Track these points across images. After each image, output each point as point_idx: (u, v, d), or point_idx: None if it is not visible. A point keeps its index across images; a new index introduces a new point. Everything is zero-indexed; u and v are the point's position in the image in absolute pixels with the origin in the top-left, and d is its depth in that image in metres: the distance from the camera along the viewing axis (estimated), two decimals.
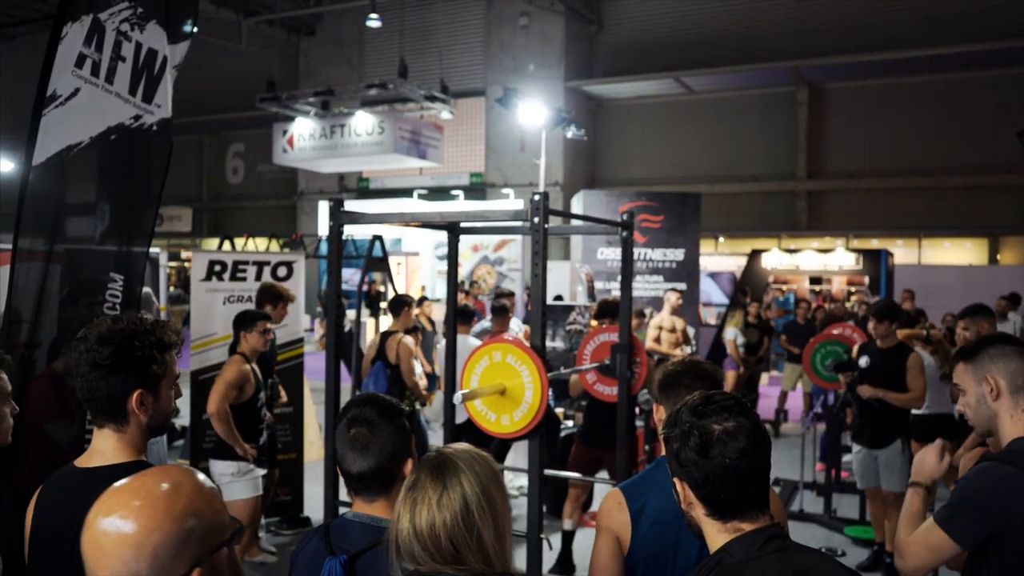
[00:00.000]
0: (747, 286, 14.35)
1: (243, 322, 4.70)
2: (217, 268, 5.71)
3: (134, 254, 2.98)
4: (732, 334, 9.23)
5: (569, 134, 7.68)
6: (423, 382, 6.04)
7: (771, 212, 18.90)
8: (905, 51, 15.98)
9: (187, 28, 3.22)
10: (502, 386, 3.12)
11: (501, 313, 6.57)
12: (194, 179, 25.75)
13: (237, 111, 21.60)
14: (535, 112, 7.21)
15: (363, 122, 15.33)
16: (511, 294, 7.85)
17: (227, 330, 5.61)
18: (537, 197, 3.07)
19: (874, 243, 17.41)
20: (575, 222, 5.35)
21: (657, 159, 19.21)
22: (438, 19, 19.33)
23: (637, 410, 5.66)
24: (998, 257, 17.83)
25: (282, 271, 5.94)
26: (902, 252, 17.29)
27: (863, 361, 5.06)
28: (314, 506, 5.91)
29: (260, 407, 4.78)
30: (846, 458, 6.56)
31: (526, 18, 19.01)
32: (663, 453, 1.71)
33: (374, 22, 18.82)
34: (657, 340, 7.92)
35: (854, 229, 18.23)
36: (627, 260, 3.95)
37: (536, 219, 3.07)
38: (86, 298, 2.99)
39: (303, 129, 16.04)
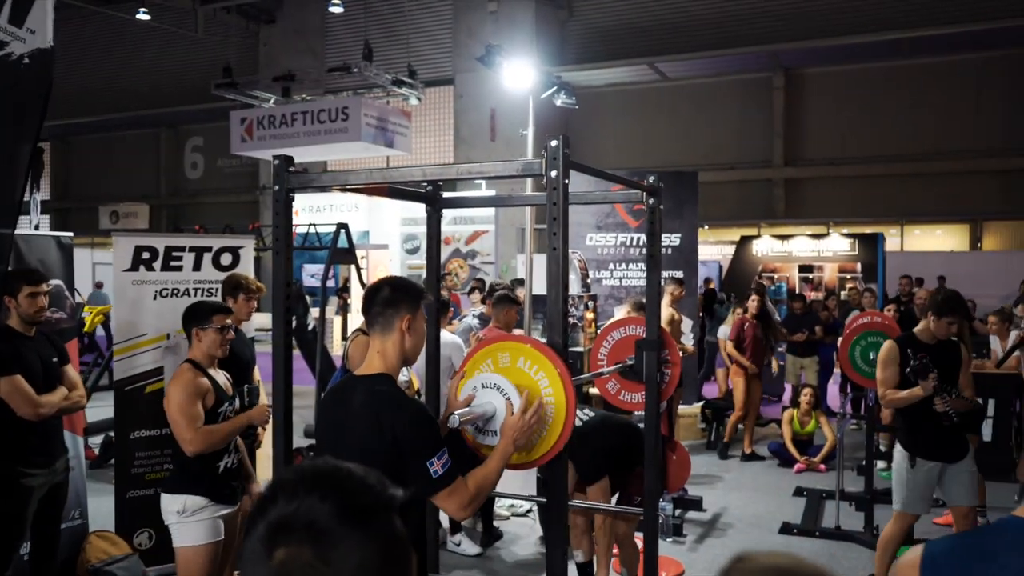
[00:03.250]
0: (732, 281, 13.78)
1: (195, 316, 3.60)
2: (145, 255, 4.71)
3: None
4: (723, 333, 8.53)
5: (559, 102, 6.89)
6: (408, 392, 5.06)
7: (748, 200, 18.49)
8: (884, 34, 15.59)
9: None
10: (493, 408, 2.34)
11: (505, 303, 5.25)
12: (151, 174, 24.86)
13: (195, 103, 20.66)
14: (521, 74, 6.38)
15: (326, 108, 14.45)
16: (521, 282, 6.84)
17: (159, 330, 4.73)
18: (555, 143, 2.28)
19: (865, 230, 16.96)
20: (580, 186, 4.37)
21: (632, 147, 18.74)
22: (403, 6, 18.61)
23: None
24: (980, 243, 17.50)
25: (226, 259, 4.97)
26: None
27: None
28: None
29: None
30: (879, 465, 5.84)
31: (495, 3, 18.38)
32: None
33: (337, 7, 17.94)
34: None
35: (833, 217, 17.84)
36: (654, 234, 3.18)
37: (554, 172, 2.28)
38: None
39: (262, 117, 15.11)
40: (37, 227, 6.17)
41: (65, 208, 25.94)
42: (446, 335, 4.98)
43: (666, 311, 7.49)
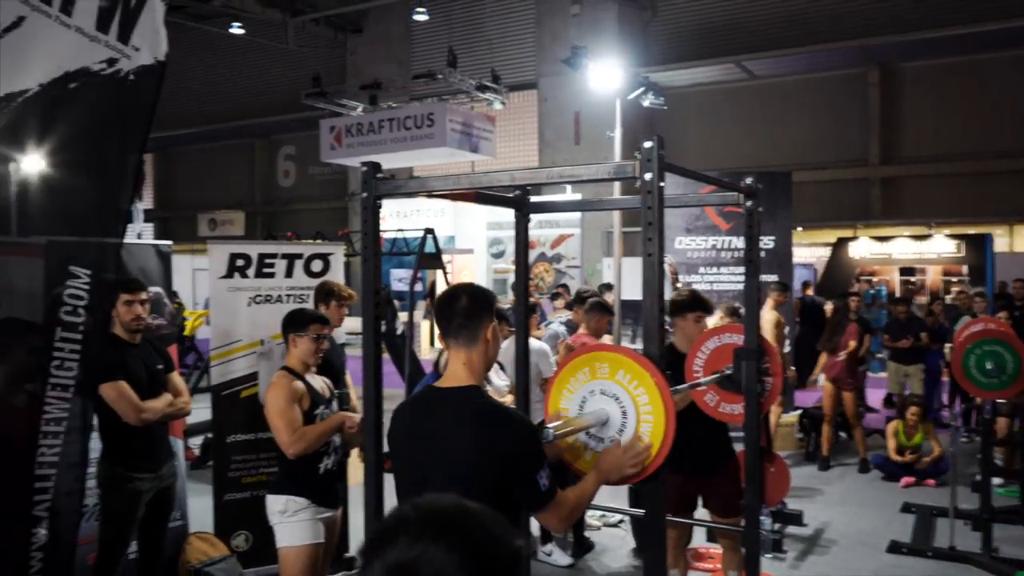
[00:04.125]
0: (828, 284, 13.31)
1: (293, 323, 3.72)
2: (239, 263, 4.80)
3: (104, 245, 2.18)
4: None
5: (646, 102, 6.77)
6: (506, 399, 4.85)
7: (843, 201, 17.81)
8: (985, 24, 14.69)
9: None
10: (607, 414, 2.25)
11: (597, 310, 5.10)
12: (246, 183, 25.69)
13: (286, 113, 21.29)
14: (608, 75, 6.27)
15: (412, 115, 14.65)
16: (609, 287, 6.68)
17: (253, 336, 4.82)
18: (649, 144, 2.19)
19: (970, 230, 16.12)
20: (669, 189, 4.20)
21: (719, 148, 18.32)
22: (486, 11, 18.72)
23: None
24: None
25: (317, 265, 5.04)
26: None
27: None
28: (359, 539, 5.08)
29: None
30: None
31: (578, 6, 18.29)
32: None
33: (421, 15, 18.18)
34: None
35: (935, 217, 16.99)
36: (752, 238, 3.04)
37: (648, 175, 2.18)
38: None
39: (350, 125, 15.44)
40: (140, 236, 6.42)
41: (167, 217, 27.06)
42: (533, 342, 4.91)
43: (771, 315, 7.26)
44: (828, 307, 9.85)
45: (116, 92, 2.34)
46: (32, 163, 2.38)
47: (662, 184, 2.22)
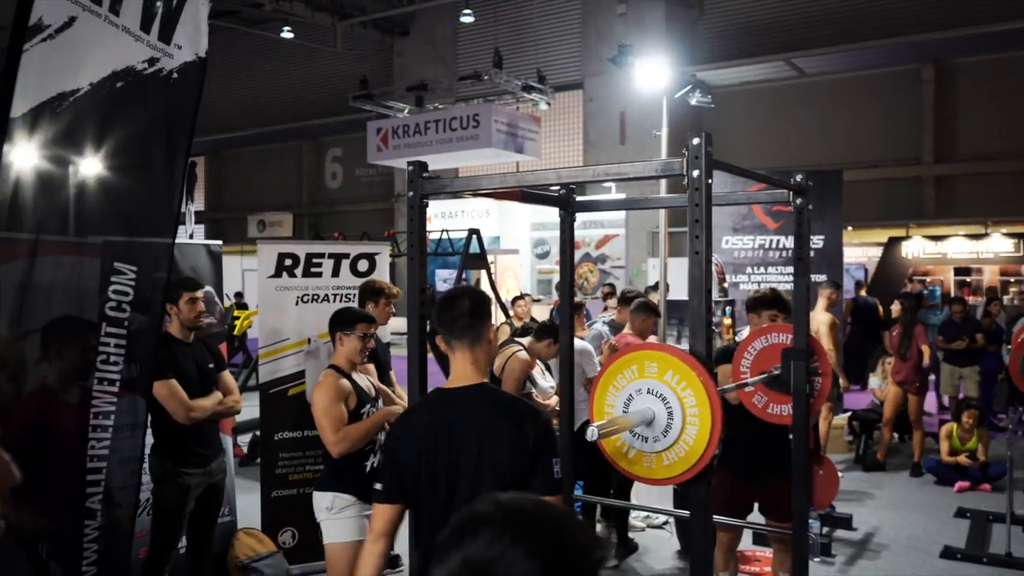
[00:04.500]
0: (880, 284, 13.04)
1: (340, 321, 3.75)
2: (287, 262, 4.88)
3: (154, 244, 2.23)
4: None
5: (694, 101, 6.70)
6: (551, 401, 4.89)
7: (895, 199, 17.42)
8: None
9: None
10: (653, 413, 2.23)
11: (643, 311, 5.11)
12: (294, 184, 26.02)
13: (334, 115, 21.54)
14: (655, 73, 6.22)
15: (457, 116, 14.72)
16: (655, 287, 6.63)
17: (301, 335, 4.88)
18: (697, 141, 2.16)
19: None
20: (716, 187, 4.12)
21: (768, 147, 18.04)
22: (533, 12, 18.72)
23: None
24: None
25: (363, 265, 5.09)
26: None
27: None
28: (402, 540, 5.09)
29: None
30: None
31: (624, 5, 18.19)
32: None
33: (468, 17, 18.26)
34: None
35: (990, 216, 16.51)
36: (802, 236, 2.98)
37: (696, 172, 2.15)
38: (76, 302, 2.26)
39: (397, 127, 15.57)
40: (191, 236, 6.54)
41: (217, 218, 27.56)
42: (577, 342, 4.90)
43: (826, 316, 7.13)
44: (882, 308, 9.63)
45: (161, 91, 2.39)
46: (88, 165, 2.44)
47: (710, 181, 2.19)
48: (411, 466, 2.23)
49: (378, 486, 2.29)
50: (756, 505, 4.13)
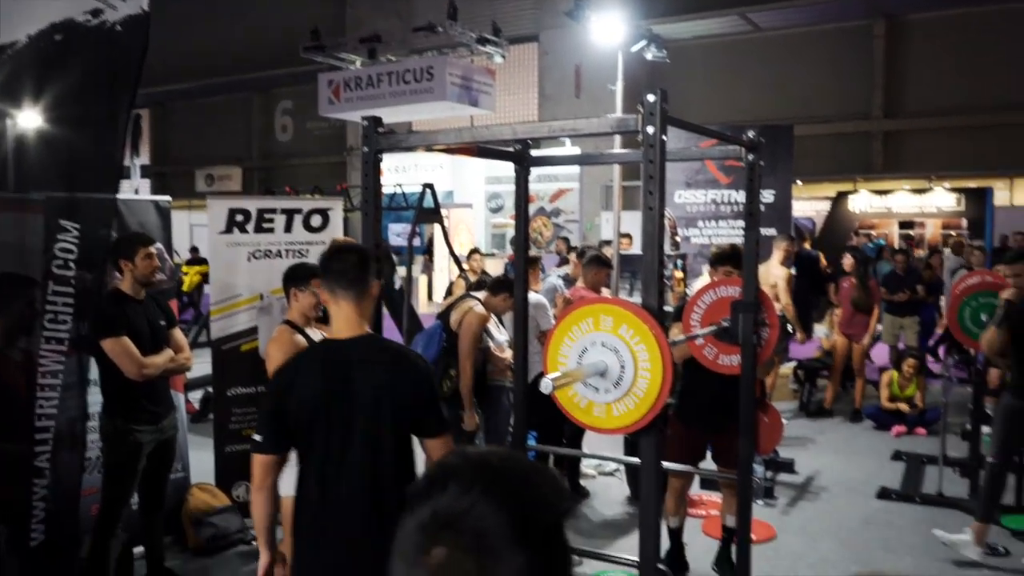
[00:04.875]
0: (827, 238, 13.30)
1: (294, 277, 3.72)
2: (239, 218, 4.79)
3: (96, 200, 2.18)
4: None
5: (649, 55, 6.69)
6: (506, 354, 4.88)
7: (844, 154, 17.73)
8: None
9: None
10: (605, 365, 2.27)
11: (595, 264, 5.14)
12: (243, 138, 25.48)
13: (284, 67, 21.02)
14: (610, 27, 6.20)
15: (411, 68, 14.48)
16: (609, 243, 6.62)
17: (253, 290, 4.83)
18: (652, 98, 2.17)
19: (970, 184, 16.04)
20: (670, 143, 4.14)
21: (722, 102, 18.14)
22: None
23: None
24: None
25: (316, 220, 5.02)
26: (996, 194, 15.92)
27: None
28: None
29: None
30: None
31: None
32: None
33: None
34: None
35: (936, 170, 16.91)
36: (752, 191, 3.04)
37: (651, 128, 2.17)
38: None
39: (349, 79, 15.26)
40: (137, 191, 6.39)
41: (164, 172, 26.89)
42: (531, 295, 4.93)
43: (782, 270, 7.27)
44: (825, 261, 9.82)
45: (104, 44, 2.32)
46: (27, 118, 2.36)
47: (664, 138, 2.21)
48: (304, 414, 2.28)
49: (258, 437, 2.34)
50: (709, 453, 4.29)
